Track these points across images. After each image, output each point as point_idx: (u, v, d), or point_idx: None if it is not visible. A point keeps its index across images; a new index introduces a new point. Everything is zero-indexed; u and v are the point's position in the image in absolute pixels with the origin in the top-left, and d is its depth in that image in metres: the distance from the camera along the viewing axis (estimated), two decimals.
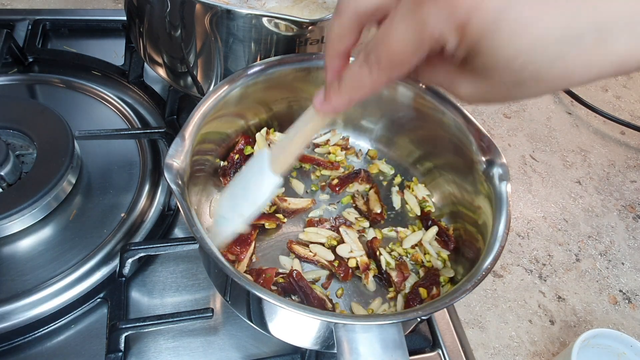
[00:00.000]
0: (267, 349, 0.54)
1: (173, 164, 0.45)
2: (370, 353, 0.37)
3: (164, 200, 0.63)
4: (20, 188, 0.57)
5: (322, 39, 0.61)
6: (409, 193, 0.63)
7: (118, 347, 0.50)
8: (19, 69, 0.75)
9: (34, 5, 0.94)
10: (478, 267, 0.45)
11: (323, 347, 0.46)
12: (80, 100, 0.72)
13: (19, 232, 0.57)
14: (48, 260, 0.55)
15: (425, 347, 0.57)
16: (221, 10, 0.56)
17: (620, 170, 0.89)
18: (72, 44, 0.83)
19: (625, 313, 0.69)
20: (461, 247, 0.56)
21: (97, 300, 0.55)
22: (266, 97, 0.60)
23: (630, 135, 0.95)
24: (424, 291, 0.52)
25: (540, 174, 0.86)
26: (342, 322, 0.38)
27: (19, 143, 0.63)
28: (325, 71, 0.33)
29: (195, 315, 0.50)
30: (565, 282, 0.71)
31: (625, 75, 1.09)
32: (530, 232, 0.77)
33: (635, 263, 0.75)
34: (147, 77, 0.78)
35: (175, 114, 0.72)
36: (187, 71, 0.66)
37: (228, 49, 0.61)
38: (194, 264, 0.59)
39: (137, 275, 0.58)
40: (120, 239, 0.58)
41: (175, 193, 0.43)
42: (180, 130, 0.48)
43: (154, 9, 0.62)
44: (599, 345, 0.58)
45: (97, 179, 0.64)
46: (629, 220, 0.81)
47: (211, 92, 0.52)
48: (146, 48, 0.69)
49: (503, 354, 0.63)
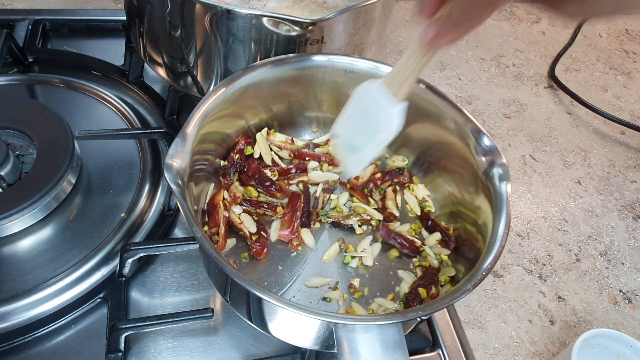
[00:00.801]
0: (267, 349, 0.54)
1: (173, 164, 0.45)
2: (370, 353, 0.37)
3: (164, 200, 0.63)
4: (20, 188, 0.57)
5: (322, 39, 0.60)
6: (408, 193, 0.63)
7: (118, 347, 0.50)
8: (19, 69, 0.75)
9: (34, 5, 0.94)
10: (478, 267, 0.45)
11: (323, 347, 0.46)
12: (80, 100, 0.72)
13: (19, 232, 0.57)
14: (48, 260, 0.55)
15: (425, 347, 0.57)
16: (221, 10, 0.56)
17: (620, 170, 0.89)
18: (72, 44, 0.83)
19: (625, 313, 0.69)
20: (461, 247, 0.56)
21: (97, 300, 0.55)
22: (266, 97, 0.60)
23: (630, 135, 0.95)
24: (424, 291, 0.52)
25: (540, 174, 0.86)
26: (342, 322, 0.38)
27: (19, 143, 0.63)
28: (421, 10, 0.37)
29: (195, 315, 0.50)
30: (565, 282, 0.71)
31: (625, 75, 1.09)
32: (530, 232, 0.77)
33: (635, 263, 0.75)
34: (147, 77, 0.78)
35: (175, 114, 0.72)
36: (187, 71, 0.66)
37: (228, 49, 0.60)
38: (194, 264, 0.59)
39: (137, 275, 0.58)
40: (120, 239, 0.58)
41: (176, 193, 0.43)
42: (181, 130, 0.48)
43: (154, 9, 0.62)
44: (599, 345, 0.58)
45: (97, 179, 0.64)
46: (629, 220, 0.81)
47: (211, 92, 0.52)
48: (146, 48, 0.69)
49: (503, 354, 0.63)
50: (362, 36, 0.65)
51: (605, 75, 1.09)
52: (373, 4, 0.60)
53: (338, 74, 0.60)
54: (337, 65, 0.59)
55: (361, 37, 0.65)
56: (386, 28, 0.71)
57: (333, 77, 0.60)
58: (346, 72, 0.59)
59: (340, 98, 0.63)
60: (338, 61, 0.59)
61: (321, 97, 0.63)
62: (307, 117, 0.65)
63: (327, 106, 0.64)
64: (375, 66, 0.59)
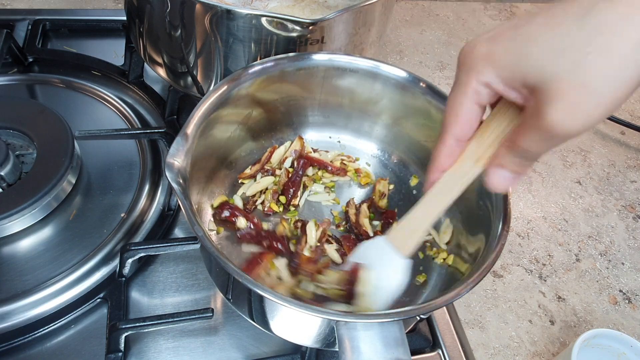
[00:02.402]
0: (267, 348, 0.54)
1: (174, 163, 0.45)
2: (371, 350, 0.37)
3: (164, 200, 0.63)
4: (20, 188, 0.57)
5: (322, 39, 0.61)
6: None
7: (118, 347, 0.50)
8: (19, 69, 0.75)
9: (34, 5, 0.94)
10: (478, 267, 0.45)
11: (324, 345, 0.46)
12: (80, 100, 0.72)
13: (19, 232, 0.57)
14: (48, 260, 0.55)
15: (425, 347, 0.57)
16: (221, 10, 0.56)
17: (620, 170, 0.89)
18: (72, 44, 0.83)
19: (625, 313, 0.69)
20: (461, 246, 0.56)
21: (97, 300, 0.55)
22: (266, 97, 0.60)
23: (630, 135, 0.95)
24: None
25: (540, 174, 0.86)
26: (343, 319, 0.38)
27: (19, 143, 0.63)
28: (450, 135, 0.38)
29: (195, 316, 0.50)
30: (565, 282, 0.71)
31: None
32: (530, 232, 0.77)
33: (635, 263, 0.75)
34: (147, 77, 0.78)
35: (175, 114, 0.72)
36: (187, 71, 0.66)
37: (228, 49, 0.61)
38: (194, 264, 0.59)
39: (137, 275, 0.58)
40: (120, 239, 0.58)
41: (177, 192, 0.43)
42: (181, 129, 0.48)
43: (154, 9, 0.62)
44: (599, 345, 0.58)
45: (97, 179, 0.64)
46: (629, 220, 0.81)
47: (211, 92, 0.52)
48: (146, 48, 0.69)
49: (503, 354, 0.63)
50: (362, 36, 0.65)
51: None
52: (373, 4, 0.60)
53: (339, 73, 0.60)
54: (337, 65, 0.59)
55: (361, 37, 0.65)
56: (386, 28, 0.71)
57: (333, 76, 0.60)
58: (347, 71, 0.59)
59: (341, 98, 0.63)
60: (338, 60, 0.59)
61: (321, 97, 0.63)
62: (307, 116, 0.66)
63: (327, 106, 0.64)
64: (375, 65, 0.59)
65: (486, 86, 0.34)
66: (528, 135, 0.33)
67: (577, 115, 0.30)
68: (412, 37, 1.07)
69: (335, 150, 0.67)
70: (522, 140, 0.33)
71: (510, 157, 0.35)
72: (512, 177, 0.37)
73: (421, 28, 1.10)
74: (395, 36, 1.07)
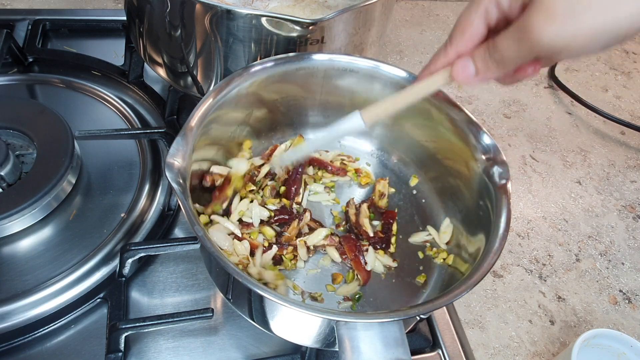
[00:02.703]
0: (267, 348, 0.54)
1: (174, 163, 0.45)
2: (371, 350, 0.37)
3: (164, 200, 0.63)
4: (20, 188, 0.57)
5: (322, 39, 0.61)
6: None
7: (118, 347, 0.50)
8: (19, 69, 0.75)
9: (34, 5, 0.94)
10: (478, 267, 0.45)
11: (324, 345, 0.46)
12: (80, 100, 0.72)
13: (19, 232, 0.57)
14: (48, 260, 0.55)
15: (425, 347, 0.57)
16: (221, 10, 0.56)
17: (620, 170, 0.89)
18: (72, 44, 0.83)
19: (625, 313, 0.69)
20: (461, 246, 0.56)
21: (97, 300, 0.55)
22: (267, 97, 0.60)
23: (630, 135, 0.95)
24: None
25: (540, 174, 0.86)
26: (343, 319, 0.38)
27: (19, 143, 0.63)
28: (453, 48, 0.42)
29: (195, 316, 0.50)
30: (565, 282, 0.71)
31: (625, 75, 1.09)
32: (530, 232, 0.77)
33: (635, 263, 0.75)
34: (147, 77, 0.78)
35: (175, 114, 0.72)
36: (187, 71, 0.66)
37: (228, 49, 0.60)
38: (194, 264, 0.59)
39: (137, 275, 0.58)
40: (120, 239, 0.58)
41: (177, 192, 0.43)
42: (181, 129, 0.48)
43: (154, 9, 0.62)
44: (599, 345, 0.58)
45: (97, 179, 0.64)
46: (629, 220, 0.81)
47: (211, 91, 0.52)
48: (146, 48, 0.69)
49: (503, 354, 0.63)
50: (362, 36, 0.65)
51: (605, 75, 1.09)
52: (373, 4, 0.60)
53: (339, 74, 0.60)
54: (337, 65, 0.59)
55: (361, 37, 0.65)
56: (386, 28, 0.71)
57: (334, 76, 0.60)
58: (347, 71, 0.59)
59: (341, 98, 0.63)
60: (338, 60, 0.59)
61: (321, 97, 0.63)
62: (308, 116, 0.66)
63: (327, 106, 0.64)
64: (375, 65, 0.59)
65: (496, 5, 0.39)
66: (506, 37, 0.37)
67: (554, 27, 0.33)
68: (412, 37, 1.07)
69: (335, 150, 0.67)
70: (500, 40, 0.37)
71: (482, 52, 0.39)
72: (473, 73, 0.40)
73: (421, 28, 1.10)
74: (395, 36, 1.07)
